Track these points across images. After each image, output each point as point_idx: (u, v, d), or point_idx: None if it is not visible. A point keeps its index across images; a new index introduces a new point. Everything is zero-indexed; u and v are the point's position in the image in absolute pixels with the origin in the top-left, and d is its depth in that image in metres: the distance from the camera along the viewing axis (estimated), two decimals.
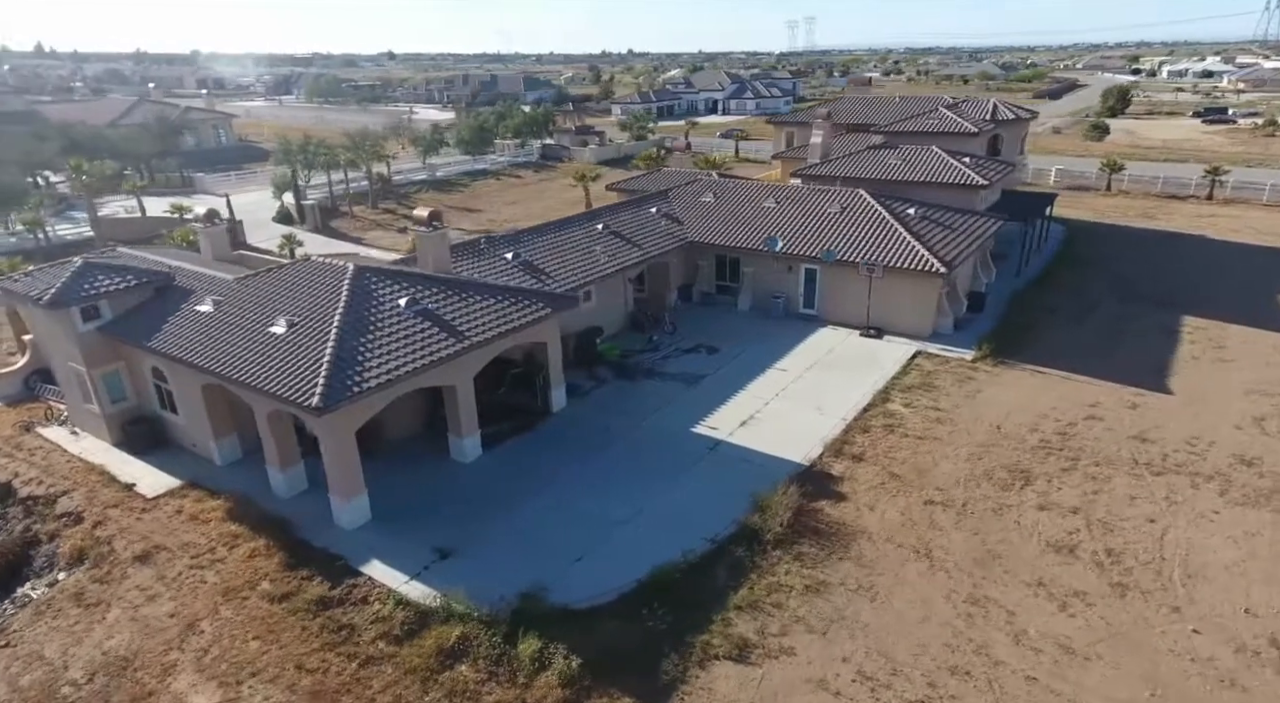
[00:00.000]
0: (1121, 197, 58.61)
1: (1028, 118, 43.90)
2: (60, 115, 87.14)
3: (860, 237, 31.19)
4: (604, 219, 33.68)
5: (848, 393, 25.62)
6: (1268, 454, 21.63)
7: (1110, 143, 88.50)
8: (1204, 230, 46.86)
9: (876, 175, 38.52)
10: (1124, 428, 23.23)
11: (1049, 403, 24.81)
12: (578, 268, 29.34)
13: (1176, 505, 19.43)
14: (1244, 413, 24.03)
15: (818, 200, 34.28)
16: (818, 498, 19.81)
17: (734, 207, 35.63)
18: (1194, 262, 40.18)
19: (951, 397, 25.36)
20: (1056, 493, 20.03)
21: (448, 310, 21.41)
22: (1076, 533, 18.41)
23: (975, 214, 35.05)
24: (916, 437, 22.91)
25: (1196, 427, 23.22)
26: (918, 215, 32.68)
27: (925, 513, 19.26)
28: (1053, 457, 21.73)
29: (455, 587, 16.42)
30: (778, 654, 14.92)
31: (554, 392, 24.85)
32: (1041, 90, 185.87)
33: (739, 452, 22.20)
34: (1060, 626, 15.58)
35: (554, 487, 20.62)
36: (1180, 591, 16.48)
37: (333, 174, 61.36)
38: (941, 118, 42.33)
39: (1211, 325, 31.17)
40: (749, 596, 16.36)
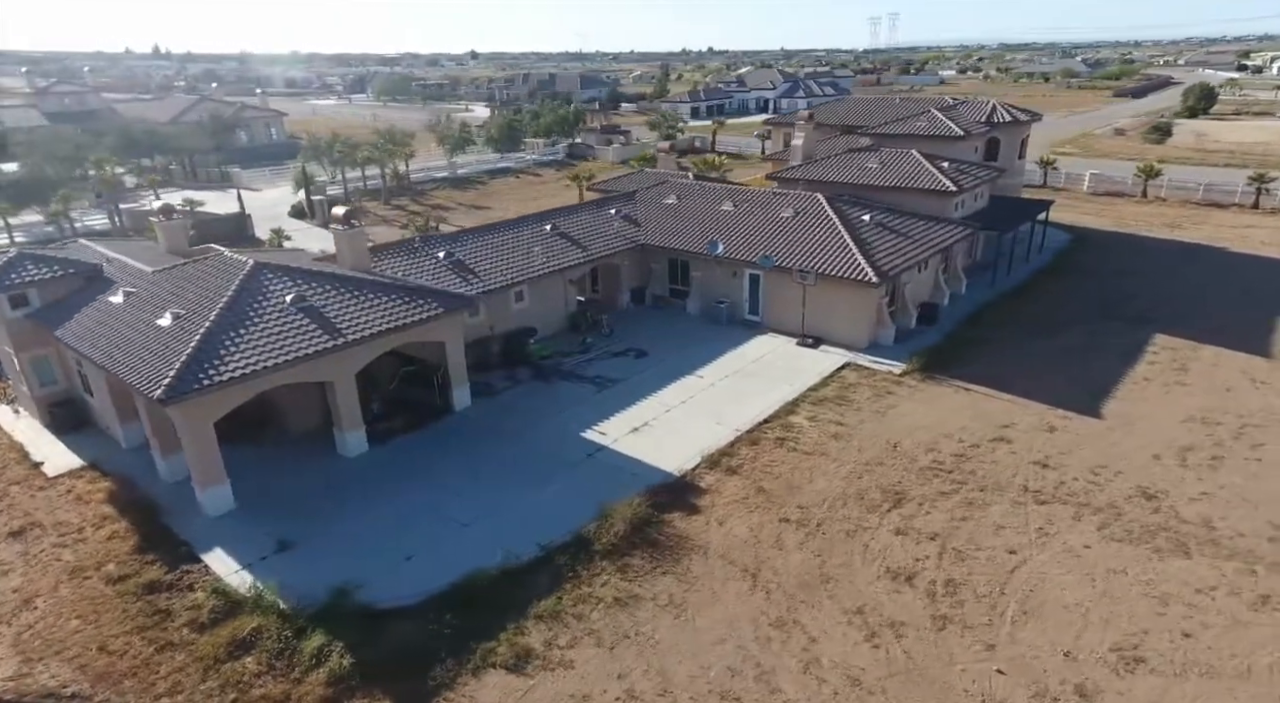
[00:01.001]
0: (1156, 204, 55.34)
1: (1026, 121, 41.79)
2: (130, 113, 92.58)
3: (806, 242, 30.39)
4: (555, 220, 33.78)
5: (756, 403, 25.04)
6: (1174, 488, 20.15)
7: (1170, 146, 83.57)
8: (1227, 243, 43.78)
9: (852, 179, 37.49)
10: (1030, 452, 22.00)
11: (961, 422, 23.70)
12: (510, 268, 29.56)
13: (1047, 538, 18.32)
14: (1171, 442, 22.43)
15: (773, 204, 33.54)
16: (671, 510, 19.48)
17: (693, 209, 35.22)
18: (1196, 277, 37.61)
19: (861, 411, 24.50)
20: (923, 518, 19.14)
21: (334, 308, 21.90)
22: (924, 561, 17.57)
23: (941, 221, 33.70)
24: (804, 452, 22.24)
25: (1110, 455, 21.80)
26: (872, 222, 31.65)
27: (774, 531, 18.70)
28: (937, 479, 20.76)
29: (278, 579, 16.86)
30: (556, 667, 14.78)
31: (456, 391, 25.10)
32: (1125, 88, 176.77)
33: (617, 459, 22.00)
34: (859, 657, 14.92)
35: (421, 485, 20.86)
36: (1006, 628, 15.55)
37: (355, 171, 63.55)
38: (931, 120, 40.76)
39: (1184, 346, 29.16)
40: (554, 605, 16.23)
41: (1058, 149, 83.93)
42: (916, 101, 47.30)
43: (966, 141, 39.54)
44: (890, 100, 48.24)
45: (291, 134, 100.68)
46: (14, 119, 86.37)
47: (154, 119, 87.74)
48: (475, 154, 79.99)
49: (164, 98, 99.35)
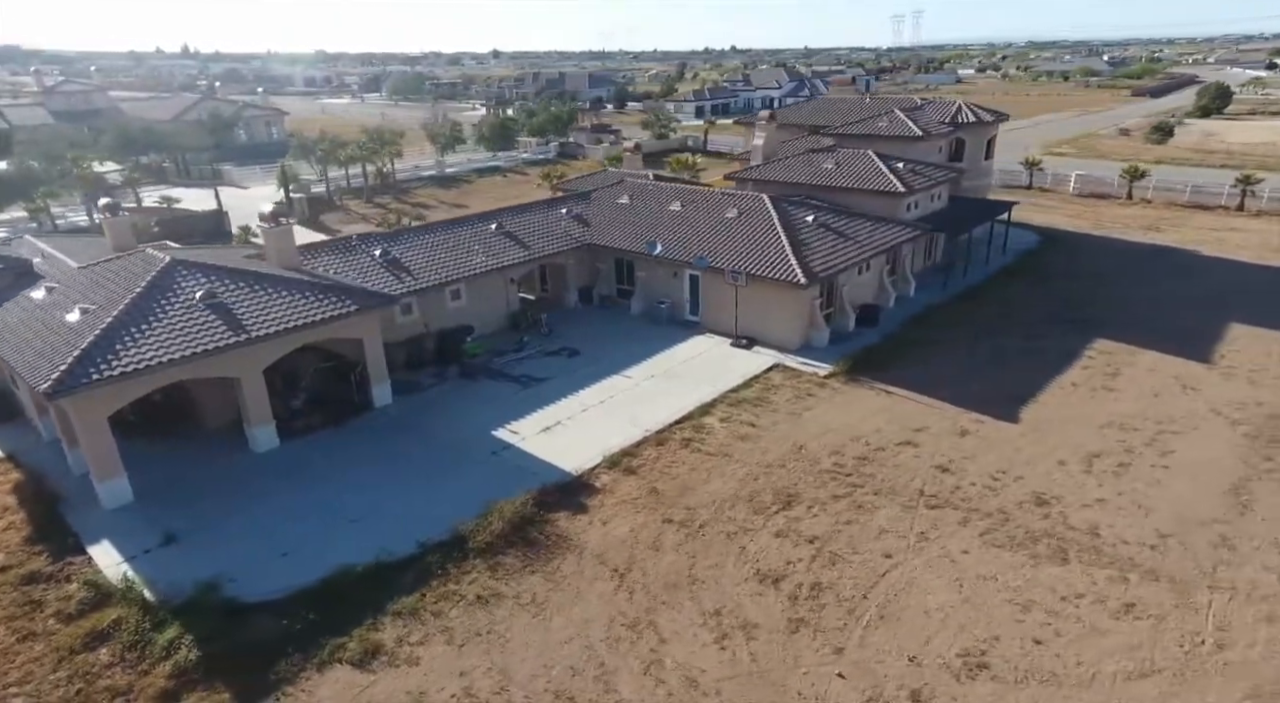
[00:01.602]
0: (1140, 206, 54.49)
1: (992, 121, 41.25)
2: (135, 111, 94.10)
3: (744, 243, 30.28)
4: (502, 219, 33.95)
5: (673, 403, 25.02)
6: (1070, 495, 19.88)
7: (1171, 146, 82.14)
8: (1202, 246, 42.98)
9: (807, 180, 37.33)
10: (935, 456, 21.80)
11: (874, 425, 23.53)
12: (446, 267, 29.76)
13: (927, 543, 18.15)
14: (1081, 448, 22.11)
15: (720, 205, 33.43)
16: (558, 509, 19.54)
17: (643, 209, 35.21)
18: (1157, 280, 37.00)
19: (777, 413, 24.39)
20: (808, 520, 19.05)
21: (244, 305, 22.17)
22: (796, 564, 17.48)
23: (888, 222, 33.43)
24: (708, 453, 22.20)
25: (1015, 460, 21.55)
26: (815, 223, 31.47)
27: (655, 532, 18.70)
28: (834, 482, 20.64)
29: (155, 572, 17.17)
30: (401, 663, 14.90)
31: (376, 388, 25.31)
32: (1143, 88, 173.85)
33: (520, 458, 22.09)
34: (704, 659, 14.90)
35: (322, 482, 21.07)
36: (859, 632, 15.45)
37: (343, 169, 64.21)
38: (893, 121, 40.40)
39: (1124, 350, 28.71)
40: (415, 603, 16.35)
41: (1054, 149, 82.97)
42: (883, 101, 46.88)
43: (927, 142, 39.16)
44: (859, 100, 47.87)
45: (291, 132, 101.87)
46: (21, 117, 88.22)
47: (156, 118, 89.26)
48: (467, 153, 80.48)
49: (170, 97, 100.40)
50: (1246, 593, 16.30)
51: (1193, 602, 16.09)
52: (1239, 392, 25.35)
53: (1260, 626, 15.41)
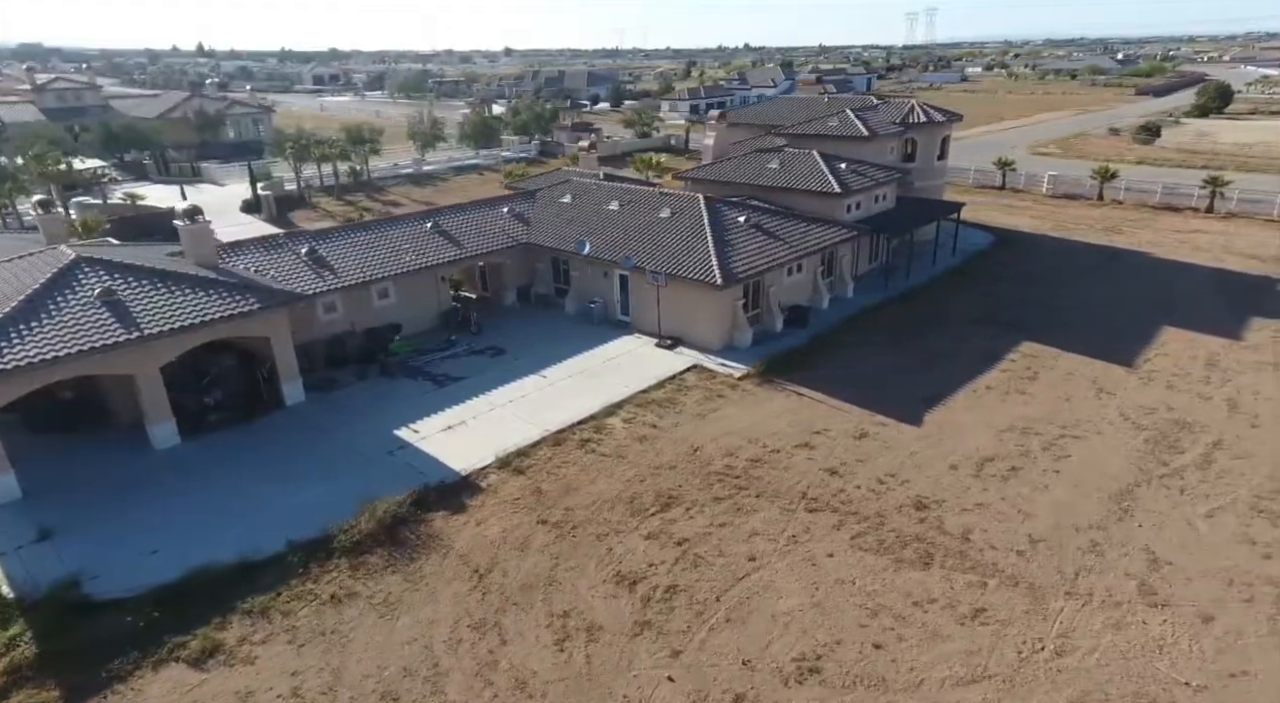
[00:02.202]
0: (1110, 207, 53.99)
1: (943, 121, 40.89)
2: (125, 109, 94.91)
3: (672, 243, 30.22)
4: (440, 217, 34.02)
5: (583, 403, 25.00)
6: (953, 499, 19.74)
7: (1158, 147, 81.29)
8: (1159, 248, 42.51)
9: (751, 180, 37.23)
10: (828, 459, 21.69)
11: (775, 428, 23.42)
12: (372, 265, 29.84)
13: (795, 546, 18.07)
14: (976, 452, 21.94)
15: (656, 205, 33.35)
16: (437, 508, 19.57)
17: (583, 209, 35.17)
18: (1103, 283, 36.66)
19: (682, 414, 24.33)
20: (683, 522, 18.99)
21: (144, 302, 22.30)
22: (658, 566, 17.45)
23: (824, 223, 33.25)
24: (602, 453, 22.17)
25: (906, 463, 21.40)
26: (747, 224, 31.35)
27: (527, 533, 18.70)
28: (720, 484, 20.57)
29: (18, 568, 17.32)
30: (237, 663, 14.96)
31: (286, 386, 25.43)
32: (1145, 87, 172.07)
33: (415, 457, 22.13)
34: (539, 661, 14.89)
35: (214, 479, 21.16)
36: (701, 635, 15.40)
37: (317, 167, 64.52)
38: (843, 120, 40.15)
39: (1048, 353, 28.46)
40: (269, 601, 16.42)
41: (1040, 148, 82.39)
42: (839, 101, 46.58)
43: (876, 142, 38.89)
44: (817, 100, 47.62)
45: (280, 129, 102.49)
46: (11, 115, 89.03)
47: (142, 115, 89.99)
48: (451, 151, 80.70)
49: (159, 95, 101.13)
50: (1101, 600, 16.14)
51: (1044, 609, 15.94)
52: (1153, 396, 25.08)
53: (1105, 633, 15.25)
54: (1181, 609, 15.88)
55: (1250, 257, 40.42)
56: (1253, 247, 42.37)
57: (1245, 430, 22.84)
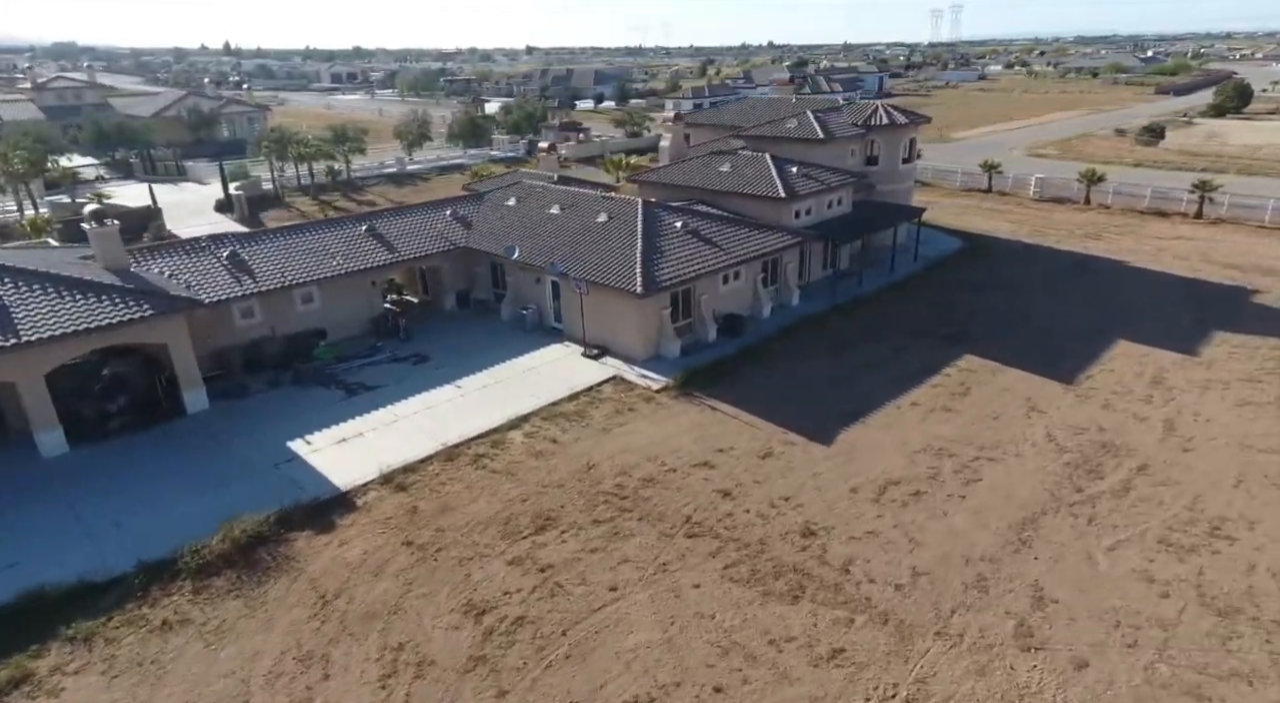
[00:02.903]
0: (1096, 211, 52.26)
1: (905, 124, 39.51)
2: (124, 108, 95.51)
3: (603, 249, 29.31)
4: (379, 220, 33.38)
5: (490, 415, 24.19)
6: (842, 526, 18.68)
7: (1161, 148, 78.96)
8: (1136, 256, 40.90)
9: (700, 183, 36.24)
10: (725, 480, 20.70)
11: (681, 444, 22.46)
12: (295, 269, 29.20)
13: (664, 575, 17.13)
14: (882, 475, 20.84)
15: (595, 209, 32.44)
16: (303, 527, 18.83)
17: (525, 212, 34.34)
18: (1065, 293, 35.23)
19: (588, 428, 23.44)
20: (554, 547, 18.11)
21: (25, 308, 21.78)
22: (513, 595, 16.58)
23: (768, 229, 32.16)
24: (492, 470, 21.33)
25: (805, 486, 20.36)
26: (684, 229, 30.37)
27: (387, 556, 17.90)
28: (605, 506, 19.66)
29: None
30: (41, 695, 14.29)
31: (188, 394, 24.85)
32: (1166, 86, 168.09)
33: (300, 471, 21.41)
34: (357, 698, 14.08)
35: (92, 490, 20.57)
36: (535, 673, 14.51)
37: (295, 167, 64.29)
38: (802, 123, 38.97)
39: (986, 367, 27.23)
40: (96, 627, 15.73)
41: (1037, 149, 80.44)
42: (807, 102, 45.30)
43: (833, 145, 37.67)
44: (784, 101, 46.39)
45: (275, 127, 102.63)
46: (11, 112, 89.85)
47: (140, 114, 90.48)
48: (438, 150, 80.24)
49: (158, 94, 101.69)
50: (972, 642, 15.05)
51: (908, 650, 14.88)
52: (1086, 415, 23.80)
53: (966, 679, 14.17)
54: (1056, 654, 14.75)
55: (1229, 266, 38.75)
56: (1234, 255, 40.66)
57: (1175, 455, 21.53)
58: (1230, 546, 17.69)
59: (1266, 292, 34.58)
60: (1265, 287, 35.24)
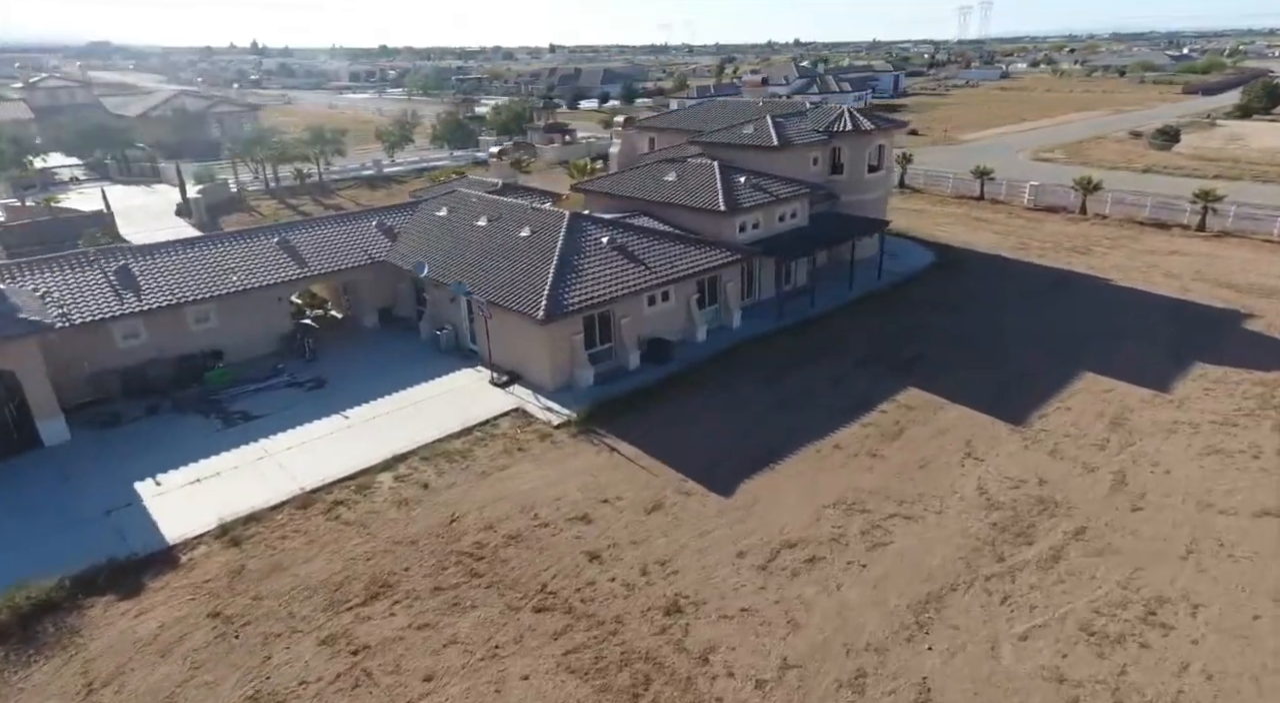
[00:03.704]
0: (1091, 222, 49.02)
1: (871, 130, 36.66)
2: (116, 108, 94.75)
3: (518, 267, 27.02)
4: (295, 231, 31.39)
5: (367, 453, 21.97)
6: (718, 600, 16.21)
7: (1175, 152, 75.09)
8: (1124, 274, 37.76)
9: (643, 194, 33.85)
10: (600, 538, 18.30)
11: (562, 493, 20.08)
12: (189, 286, 27.25)
13: (492, 662, 14.78)
14: (779, 535, 18.32)
15: (520, 222, 30.10)
16: (106, 592, 16.71)
17: (453, 224, 32.11)
18: (1036, 316, 32.33)
19: (467, 472, 21.13)
20: (380, 620, 15.83)
21: None
22: (308, 685, 14.30)
23: (706, 245, 29.64)
24: (345, 522, 19.10)
25: (688, 547, 17.90)
26: (609, 245, 27.94)
27: (186, 629, 15.72)
28: (454, 568, 17.35)
29: None
30: None
31: (44, 424, 22.89)
32: (1195, 85, 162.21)
33: (132, 519, 19.29)
34: None
35: None
36: None
37: (260, 168, 62.75)
38: (759, 128, 36.33)
39: (929, 403, 24.56)
40: None
41: (1043, 153, 76.94)
42: (774, 106, 42.58)
43: (789, 153, 34.98)
44: (749, 104, 43.69)
45: (268, 128, 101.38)
46: (1, 112, 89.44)
47: (128, 114, 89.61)
48: (423, 151, 78.41)
49: (146, 94, 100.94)
50: None
51: None
52: (1028, 464, 21.09)
53: None
54: None
55: (1224, 285, 35.56)
56: (1231, 273, 37.43)
57: (1121, 516, 18.79)
58: (1164, 636, 15.00)
59: (1259, 316, 31.45)
60: (1259, 310, 32.10)
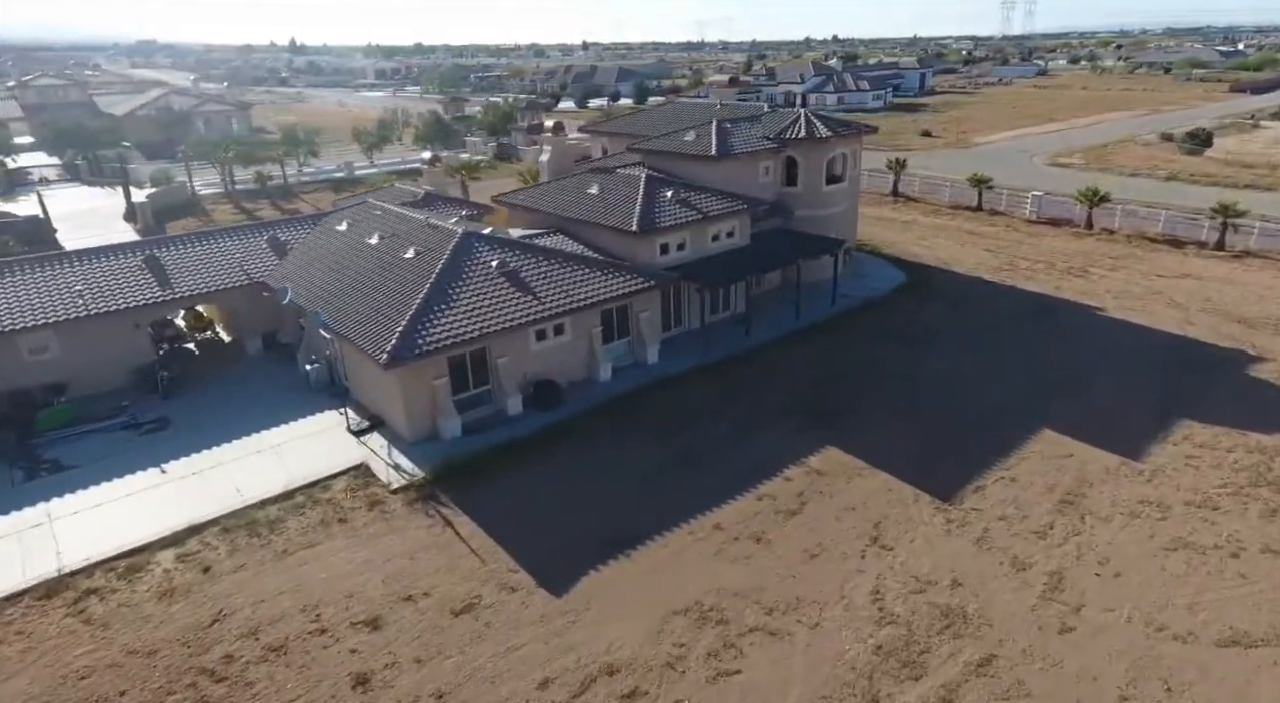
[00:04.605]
0: (1098, 238, 44.24)
1: (828, 138, 32.49)
2: (106, 107, 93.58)
3: (384, 295, 23.62)
4: (166, 248, 28.42)
5: (159, 521, 18.77)
6: None
7: (1206, 158, 69.32)
8: (1112, 302, 33.10)
9: (561, 210, 30.27)
10: (381, 651, 14.77)
11: (362, 586, 16.59)
12: (20, 311, 24.35)
13: None
14: (599, 657, 14.62)
15: (410, 241, 26.66)
16: None
17: (346, 241, 28.81)
18: (998, 354, 28.04)
19: (265, 550, 17.75)
20: None
21: None
22: None
23: (613, 271, 25.95)
24: (88, 620, 15.83)
25: (481, 670, 14.29)
26: (498, 270, 24.41)
27: None
28: (182, 695, 13.93)
29: None
30: None
31: None
32: (1243, 84, 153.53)
33: None
34: None
35: None
36: None
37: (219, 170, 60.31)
38: (700, 134, 32.41)
39: (844, 467, 20.61)
40: None
41: (1062, 158, 71.69)
42: (733, 110, 38.52)
43: (729, 163, 30.97)
44: (706, 107, 39.71)
45: (259, 127, 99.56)
46: None
47: (116, 113, 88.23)
48: (403, 152, 75.58)
49: (134, 93, 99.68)
50: None
51: None
52: (945, 557, 17.09)
53: None
54: None
55: (1234, 319, 30.84)
56: (1245, 303, 32.63)
57: (1044, 640, 14.76)
58: None
59: (1270, 359, 26.86)
60: (1272, 351, 27.48)
